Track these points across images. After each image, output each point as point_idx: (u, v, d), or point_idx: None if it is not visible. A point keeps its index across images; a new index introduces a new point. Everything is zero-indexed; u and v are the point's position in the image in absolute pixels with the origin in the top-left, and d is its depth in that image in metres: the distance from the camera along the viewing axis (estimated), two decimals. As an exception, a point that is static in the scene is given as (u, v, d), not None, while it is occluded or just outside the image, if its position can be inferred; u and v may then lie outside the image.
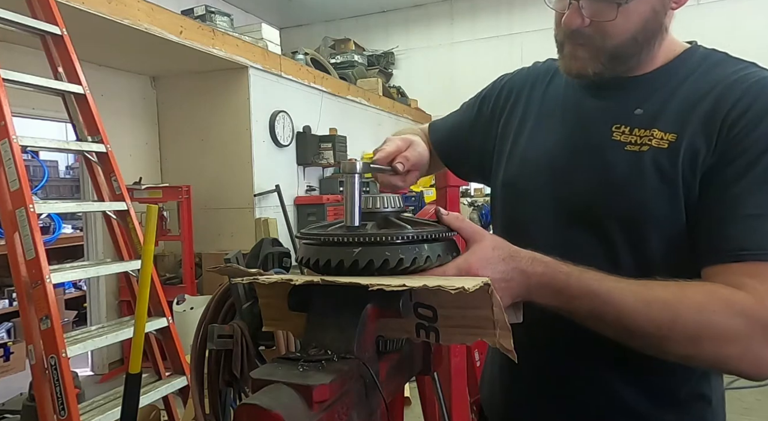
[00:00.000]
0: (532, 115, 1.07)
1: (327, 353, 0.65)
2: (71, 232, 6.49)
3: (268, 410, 0.53)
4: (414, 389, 1.12)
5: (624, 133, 0.92)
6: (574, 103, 1.01)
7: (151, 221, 1.66)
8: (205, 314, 1.04)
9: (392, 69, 9.01)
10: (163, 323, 2.64)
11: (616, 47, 0.90)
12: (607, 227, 0.91)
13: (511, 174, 1.07)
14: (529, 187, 1.01)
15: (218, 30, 4.67)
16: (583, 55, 0.92)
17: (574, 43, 0.93)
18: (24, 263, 2.20)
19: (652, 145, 0.88)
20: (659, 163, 0.87)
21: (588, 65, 0.93)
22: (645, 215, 0.88)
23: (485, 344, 0.70)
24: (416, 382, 1.02)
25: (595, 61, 0.92)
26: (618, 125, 0.93)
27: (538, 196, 1.00)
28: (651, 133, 0.89)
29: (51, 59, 2.69)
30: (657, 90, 0.93)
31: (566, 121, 1.01)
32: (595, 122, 0.96)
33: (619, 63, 0.93)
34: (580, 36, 0.91)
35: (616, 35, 0.89)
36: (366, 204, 0.79)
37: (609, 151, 0.92)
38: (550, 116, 1.04)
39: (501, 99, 1.15)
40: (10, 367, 4.77)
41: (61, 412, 2.09)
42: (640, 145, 0.90)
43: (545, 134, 1.03)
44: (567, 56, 0.95)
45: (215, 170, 5.18)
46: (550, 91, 1.07)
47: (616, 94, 0.96)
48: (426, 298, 0.69)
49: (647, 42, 0.91)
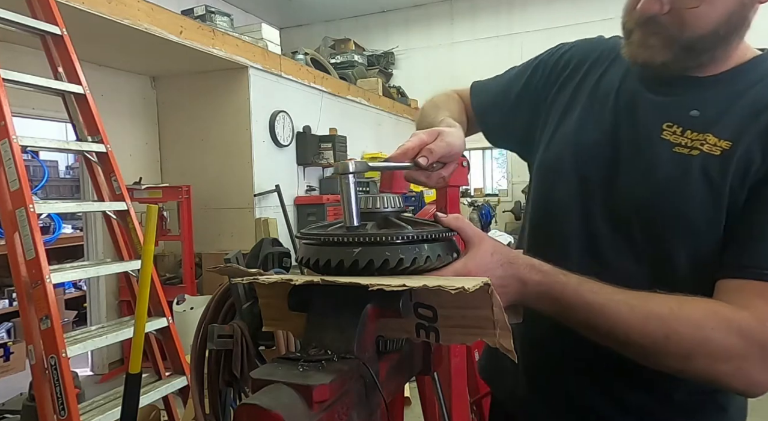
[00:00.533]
0: (584, 97, 1.01)
1: (327, 353, 0.65)
2: (71, 232, 6.49)
3: (268, 410, 0.53)
4: (414, 389, 1.12)
5: (675, 133, 0.87)
6: (630, 95, 0.95)
7: (151, 221, 1.66)
8: (205, 314, 1.04)
9: (392, 69, 9.01)
10: (163, 323, 2.64)
11: (693, 39, 0.83)
12: (638, 227, 0.88)
13: (552, 156, 1.02)
14: (567, 173, 0.97)
15: (218, 30, 4.67)
16: (654, 43, 0.86)
17: (646, 31, 0.86)
18: (24, 263, 2.20)
19: (703, 150, 0.84)
20: (708, 171, 0.82)
21: (658, 54, 0.86)
22: (682, 222, 0.84)
23: (485, 344, 0.70)
24: (416, 382, 1.02)
25: (667, 50, 0.85)
26: (670, 124, 0.88)
27: (575, 184, 0.96)
28: (704, 138, 0.84)
29: (51, 59, 2.69)
30: (719, 94, 0.87)
31: (617, 112, 0.95)
32: (647, 118, 0.91)
33: (692, 56, 0.86)
34: (655, 24, 0.84)
35: (697, 26, 0.82)
36: (366, 204, 0.78)
37: (655, 150, 0.88)
38: (602, 103, 0.98)
39: (557, 70, 1.08)
40: (10, 367, 4.77)
41: (61, 412, 2.09)
42: (690, 148, 0.85)
43: (593, 121, 0.98)
44: (635, 43, 0.88)
45: (215, 170, 5.18)
46: (608, 75, 1.01)
47: (674, 91, 0.90)
48: (426, 298, 0.69)
49: (727, 37, 0.85)
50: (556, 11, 7.94)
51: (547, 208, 1.02)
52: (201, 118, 5.24)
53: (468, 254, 0.77)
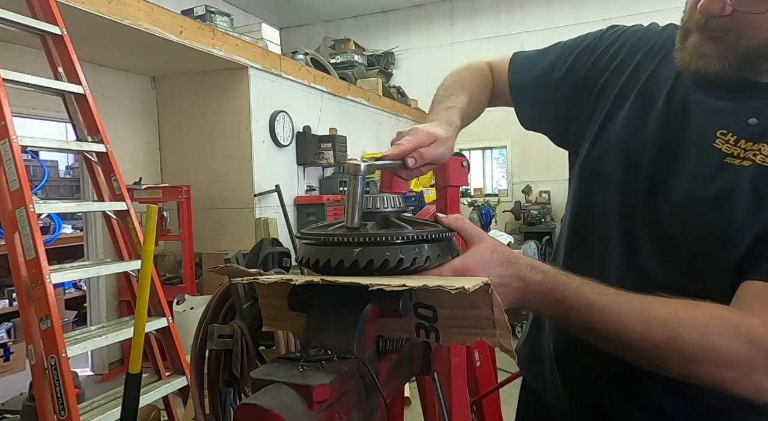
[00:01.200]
0: (632, 95, 0.95)
1: (327, 353, 0.65)
2: (71, 232, 6.49)
3: (268, 410, 0.53)
4: (414, 389, 1.12)
5: (728, 142, 0.82)
6: (682, 96, 0.89)
7: (151, 221, 1.66)
8: (205, 314, 1.04)
9: (392, 69, 9.02)
10: (163, 323, 2.64)
11: (752, 48, 0.78)
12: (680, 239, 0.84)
13: (595, 157, 0.98)
14: (610, 178, 0.94)
15: (218, 30, 4.67)
16: (710, 52, 0.81)
17: (703, 35, 0.81)
18: (24, 263, 2.20)
19: (756, 161, 0.79)
20: (758, 184, 0.78)
21: (712, 64, 0.81)
22: (725, 237, 0.79)
23: (485, 344, 0.70)
24: (416, 382, 1.02)
25: (722, 60, 0.80)
26: (724, 132, 0.83)
27: (617, 191, 0.93)
28: (758, 148, 0.79)
29: (51, 59, 2.69)
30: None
31: (668, 115, 0.90)
32: (700, 123, 0.86)
33: (750, 67, 0.81)
34: (714, 27, 0.79)
35: (756, 34, 0.77)
36: (366, 204, 0.79)
37: (705, 160, 0.83)
38: (652, 103, 0.92)
39: (605, 58, 1.02)
40: (10, 367, 4.77)
41: (61, 412, 2.09)
42: (742, 158, 0.80)
43: (642, 123, 0.92)
44: (689, 49, 0.83)
45: (215, 170, 5.18)
46: (660, 72, 0.94)
47: (732, 96, 0.84)
48: (426, 298, 0.69)
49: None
50: (555, 11, 7.94)
51: (588, 213, 0.99)
52: (201, 118, 5.24)
53: (468, 251, 0.76)
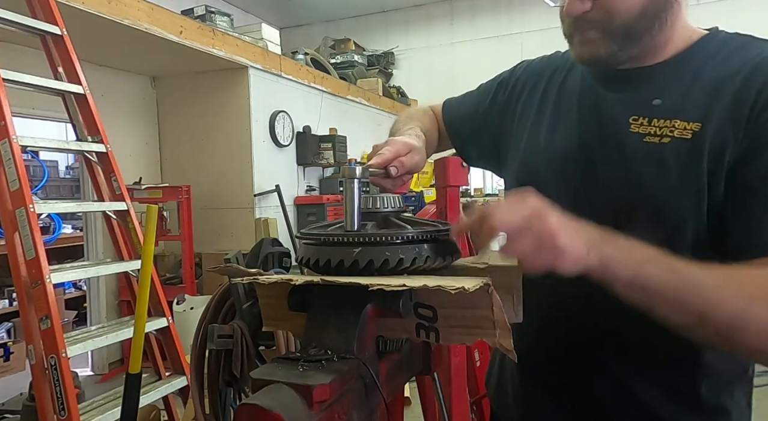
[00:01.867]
0: (549, 108, 1.04)
1: (327, 353, 0.65)
2: (71, 232, 6.49)
3: (268, 410, 0.53)
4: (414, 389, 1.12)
5: (642, 124, 0.88)
6: (591, 97, 0.97)
7: (151, 220, 1.66)
8: (205, 314, 1.04)
9: (392, 69, 9.01)
10: (163, 323, 2.64)
11: (625, 24, 0.86)
12: (627, 222, 0.86)
13: (527, 168, 1.03)
14: (546, 182, 0.97)
15: (218, 30, 4.67)
16: (594, 37, 0.88)
17: (581, 30, 0.89)
18: (24, 263, 2.20)
19: (674, 136, 0.84)
20: (682, 155, 0.83)
21: (600, 47, 0.88)
22: (667, 208, 0.84)
23: (485, 344, 0.70)
24: (416, 382, 1.02)
25: (607, 41, 0.88)
26: (636, 117, 0.89)
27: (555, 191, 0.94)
28: (672, 124, 0.85)
29: (51, 59, 2.69)
30: (675, 78, 0.89)
31: (583, 116, 0.97)
32: (613, 115, 0.92)
33: (633, 41, 0.88)
34: (587, 22, 0.88)
35: (624, 12, 0.85)
36: (366, 204, 0.79)
37: (628, 145, 0.88)
38: (567, 110, 1.00)
39: (518, 86, 1.11)
40: (10, 367, 4.77)
41: (61, 412, 2.09)
42: (660, 136, 0.85)
43: (562, 128, 0.99)
44: (577, 43, 0.91)
45: (215, 170, 5.17)
46: (568, 84, 1.03)
47: (632, 85, 0.92)
48: (426, 298, 0.69)
49: (657, 15, 0.86)
50: (555, 11, 7.83)
51: None
52: (201, 118, 5.24)
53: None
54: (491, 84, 1.18)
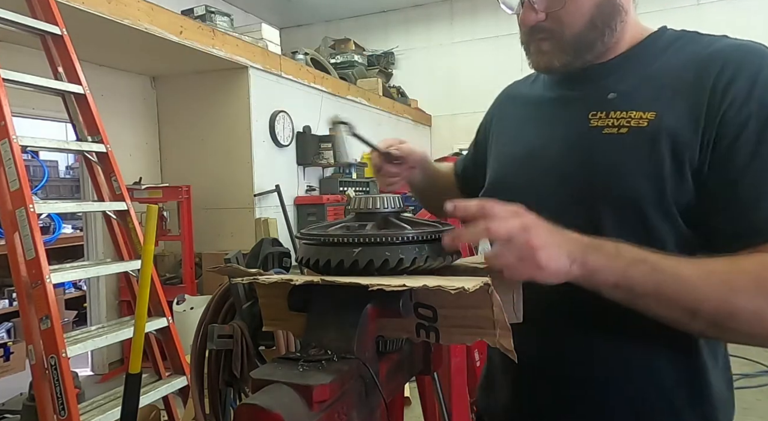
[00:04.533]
0: (513, 120, 1.11)
1: (327, 353, 0.65)
2: (71, 232, 6.49)
3: (268, 410, 0.53)
4: (414, 389, 1.12)
5: (601, 118, 0.91)
6: (552, 100, 1.02)
7: (151, 220, 1.66)
8: (205, 314, 1.04)
9: (392, 69, 9.01)
10: (163, 323, 2.64)
11: (576, 35, 0.91)
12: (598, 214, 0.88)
13: (498, 173, 1.08)
14: (517, 183, 1.01)
15: (218, 30, 4.67)
16: (547, 49, 0.93)
17: (536, 40, 0.94)
18: (24, 263, 2.20)
19: (632, 125, 0.87)
20: (640, 143, 0.85)
21: (554, 57, 0.93)
22: (630, 197, 0.85)
23: (485, 344, 0.70)
24: (416, 382, 1.02)
25: (560, 52, 0.93)
26: (594, 112, 0.92)
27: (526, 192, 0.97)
28: (629, 115, 0.88)
29: (51, 59, 2.69)
30: (628, 72, 0.93)
31: (545, 117, 1.02)
32: (573, 113, 0.96)
33: (585, 50, 0.93)
34: (541, 31, 0.92)
35: (574, 22, 0.90)
36: (366, 204, 0.79)
37: (589, 139, 0.91)
38: (530, 116, 1.06)
39: (490, 122, 1.20)
40: (10, 367, 4.77)
41: (61, 412, 2.09)
42: (618, 127, 0.89)
43: (526, 132, 1.04)
44: (533, 53, 0.96)
45: (215, 170, 5.17)
46: (531, 95, 1.10)
47: (588, 83, 0.96)
48: (426, 298, 0.69)
49: (607, 24, 0.91)
50: (556, 11, 7.93)
51: None
52: (201, 118, 5.24)
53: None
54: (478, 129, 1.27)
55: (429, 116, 8.91)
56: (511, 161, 1.05)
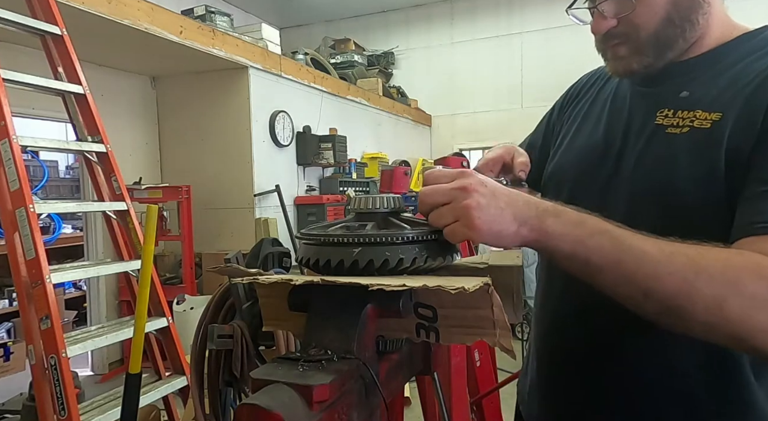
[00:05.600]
0: (583, 112, 1.09)
1: (327, 353, 0.65)
2: (71, 232, 6.49)
3: (268, 410, 0.53)
4: (414, 389, 1.12)
5: (667, 116, 0.90)
6: (623, 96, 1.01)
7: (151, 220, 1.66)
8: (205, 314, 1.04)
9: (392, 69, 9.01)
10: (163, 323, 2.64)
11: (652, 34, 0.88)
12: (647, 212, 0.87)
13: (557, 163, 1.08)
14: (572, 175, 1.01)
15: (218, 30, 4.67)
16: (624, 53, 0.91)
17: (612, 46, 0.92)
18: (24, 263, 2.20)
19: (694, 125, 0.85)
20: (698, 145, 0.83)
21: (632, 60, 0.91)
22: (682, 198, 0.84)
23: (485, 344, 0.70)
24: (416, 382, 1.02)
25: (638, 54, 0.90)
26: (662, 110, 0.91)
27: (579, 185, 0.99)
28: (693, 115, 0.86)
29: (51, 59, 2.69)
30: (705, 71, 0.90)
31: (613, 112, 1.00)
32: (641, 110, 0.95)
33: (665, 49, 0.90)
34: (615, 36, 0.91)
35: (648, 22, 0.87)
36: (366, 204, 0.79)
37: (651, 136, 0.90)
38: (600, 110, 1.04)
39: (568, 101, 1.17)
40: (10, 367, 4.77)
41: (61, 412, 2.09)
42: (681, 127, 0.87)
43: (593, 125, 1.03)
44: (610, 59, 0.94)
45: (215, 170, 5.18)
46: (605, 88, 1.07)
47: (663, 80, 0.94)
48: (426, 298, 0.69)
49: (686, 19, 0.88)
50: (555, 11, 7.93)
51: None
52: (201, 118, 5.24)
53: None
54: (547, 113, 1.24)
55: (429, 116, 8.91)
56: (571, 152, 1.05)
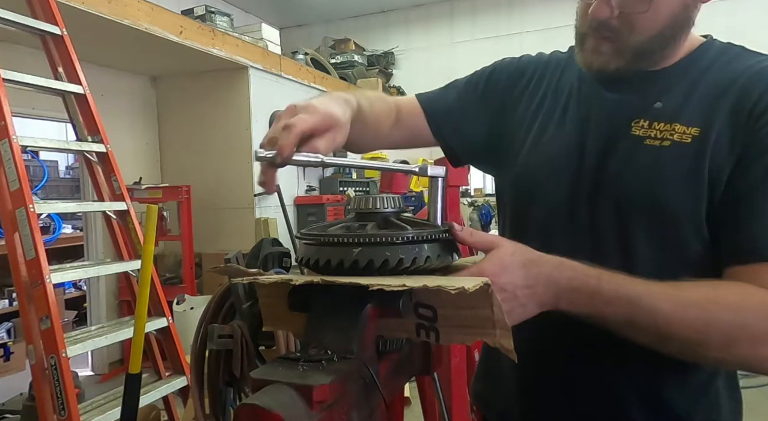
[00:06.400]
0: (544, 108, 1.03)
1: (327, 353, 0.65)
2: (71, 232, 6.49)
3: (268, 410, 0.53)
4: (414, 389, 1.12)
5: (643, 127, 0.88)
6: (590, 97, 0.97)
7: (151, 220, 1.66)
8: (205, 314, 1.04)
9: (392, 69, 9.00)
10: (163, 323, 2.64)
11: (642, 43, 0.87)
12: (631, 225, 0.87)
13: (524, 170, 1.02)
14: (541, 184, 0.97)
15: (218, 30, 4.67)
16: (606, 50, 0.89)
17: (598, 37, 0.89)
18: (24, 263, 2.20)
19: (674, 139, 0.85)
20: (682, 159, 0.83)
21: (611, 61, 0.89)
22: (666, 212, 0.84)
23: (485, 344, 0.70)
24: (416, 382, 1.02)
25: (619, 57, 0.89)
26: (637, 120, 0.89)
27: (554, 195, 0.95)
28: (672, 128, 0.86)
29: (51, 59, 2.69)
30: (676, 83, 0.90)
31: (581, 116, 0.97)
32: (613, 117, 0.92)
33: (643, 59, 0.89)
34: (606, 29, 0.87)
35: (644, 29, 0.86)
36: (366, 204, 0.79)
37: (629, 147, 0.89)
38: (564, 110, 1.00)
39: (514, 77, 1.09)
40: (10, 367, 4.77)
41: (61, 412, 2.09)
42: (661, 139, 0.86)
43: (560, 130, 0.99)
44: (588, 50, 0.91)
45: (215, 170, 5.17)
46: (562, 83, 1.03)
47: (633, 87, 0.92)
48: (426, 298, 0.69)
49: (674, 37, 0.88)
50: (555, 11, 7.93)
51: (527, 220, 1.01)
52: (201, 118, 5.23)
53: (486, 257, 0.75)
54: (479, 76, 1.14)
55: (429, 116, 8.91)
56: (543, 157, 0.99)
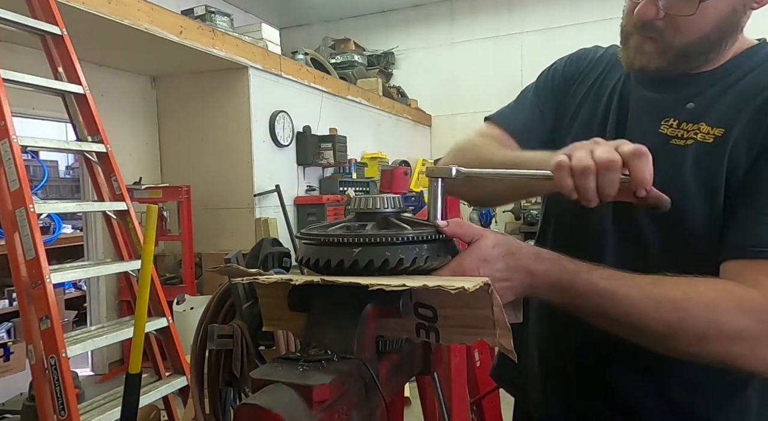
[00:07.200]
0: (587, 102, 1.05)
1: (327, 353, 0.65)
2: (71, 232, 6.49)
3: (268, 410, 0.53)
4: (414, 389, 1.12)
5: (672, 126, 0.89)
6: (628, 96, 0.98)
7: (151, 220, 1.66)
8: (205, 314, 1.04)
9: (392, 69, 9.01)
10: (163, 323, 2.64)
11: (686, 45, 0.87)
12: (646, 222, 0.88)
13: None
14: None
15: (218, 30, 4.67)
16: (649, 50, 0.89)
17: (642, 36, 0.89)
18: (24, 263, 2.20)
19: (697, 139, 0.86)
20: (701, 159, 0.84)
21: (652, 61, 0.89)
22: (683, 210, 0.84)
23: (485, 344, 0.70)
24: (416, 382, 1.02)
25: (661, 57, 0.89)
26: (667, 119, 0.90)
27: None
28: (698, 128, 0.87)
29: (51, 59, 2.69)
30: (713, 85, 0.90)
31: (619, 114, 0.98)
32: (646, 115, 0.93)
33: (686, 61, 0.89)
34: (651, 29, 0.88)
35: (689, 32, 0.86)
36: (366, 204, 0.79)
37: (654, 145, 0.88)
38: (604, 106, 1.01)
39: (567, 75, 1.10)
40: (10, 367, 4.76)
41: (61, 412, 2.09)
42: (685, 139, 0.87)
43: (596, 125, 1.00)
44: (632, 49, 0.91)
45: (215, 170, 5.17)
46: (608, 78, 1.04)
47: (671, 87, 0.93)
48: (426, 298, 0.69)
49: (719, 42, 0.88)
50: (555, 11, 7.94)
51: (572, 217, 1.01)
52: (201, 118, 5.23)
53: (466, 250, 0.76)
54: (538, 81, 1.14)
55: (429, 116, 8.90)
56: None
